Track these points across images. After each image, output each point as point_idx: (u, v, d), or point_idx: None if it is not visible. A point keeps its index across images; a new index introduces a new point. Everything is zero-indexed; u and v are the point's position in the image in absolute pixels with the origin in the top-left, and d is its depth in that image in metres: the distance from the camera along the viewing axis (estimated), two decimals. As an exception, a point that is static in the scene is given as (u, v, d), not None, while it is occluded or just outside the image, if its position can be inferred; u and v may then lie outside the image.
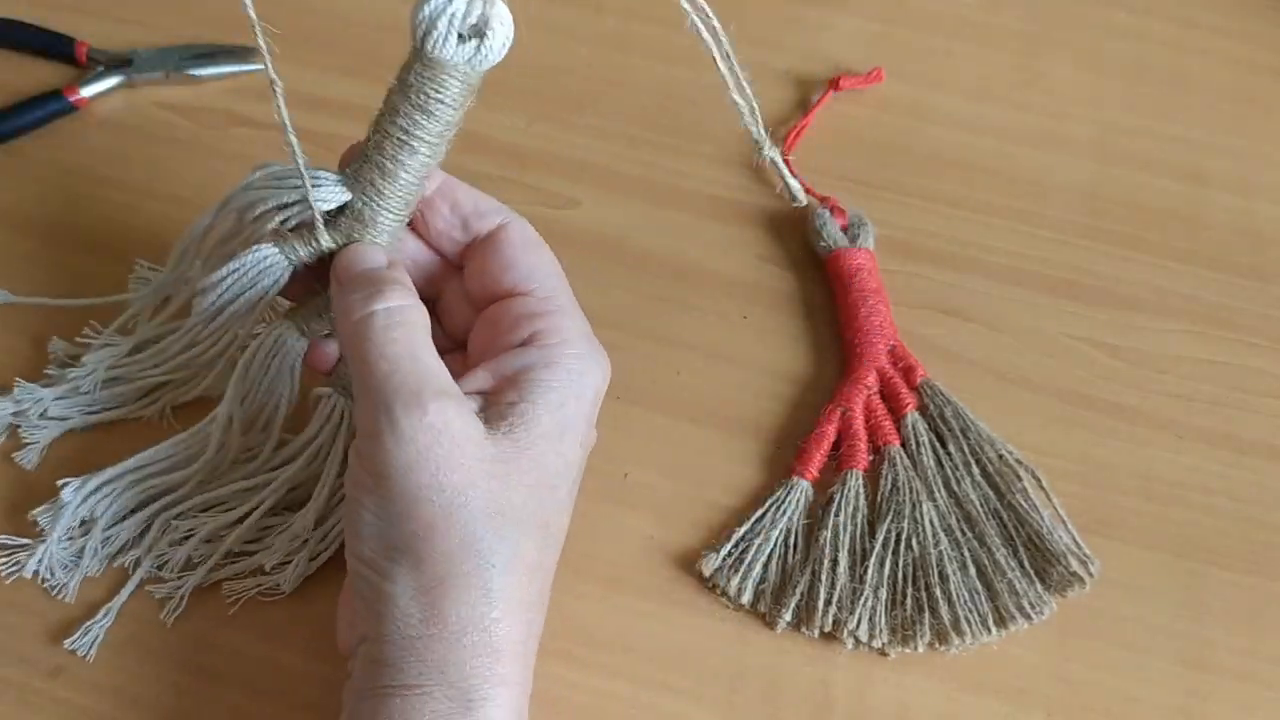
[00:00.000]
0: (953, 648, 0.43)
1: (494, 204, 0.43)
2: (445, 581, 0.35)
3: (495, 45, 0.39)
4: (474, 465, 0.36)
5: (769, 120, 0.59)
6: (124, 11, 0.61)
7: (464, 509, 0.35)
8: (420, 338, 0.38)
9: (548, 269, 0.41)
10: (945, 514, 0.46)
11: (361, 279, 0.39)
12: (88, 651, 0.42)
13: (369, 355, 0.37)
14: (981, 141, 0.58)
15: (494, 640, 0.36)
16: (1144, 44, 0.63)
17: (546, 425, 0.38)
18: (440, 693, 0.35)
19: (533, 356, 0.39)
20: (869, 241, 0.53)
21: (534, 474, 0.37)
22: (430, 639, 0.35)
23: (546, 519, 0.38)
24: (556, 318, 0.40)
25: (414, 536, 0.36)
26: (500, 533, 0.36)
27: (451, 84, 0.40)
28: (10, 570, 0.44)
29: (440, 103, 0.40)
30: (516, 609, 0.36)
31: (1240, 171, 0.58)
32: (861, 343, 0.50)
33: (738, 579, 0.44)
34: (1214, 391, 0.50)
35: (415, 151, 0.40)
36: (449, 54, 0.39)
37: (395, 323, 0.38)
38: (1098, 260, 0.54)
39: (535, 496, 0.37)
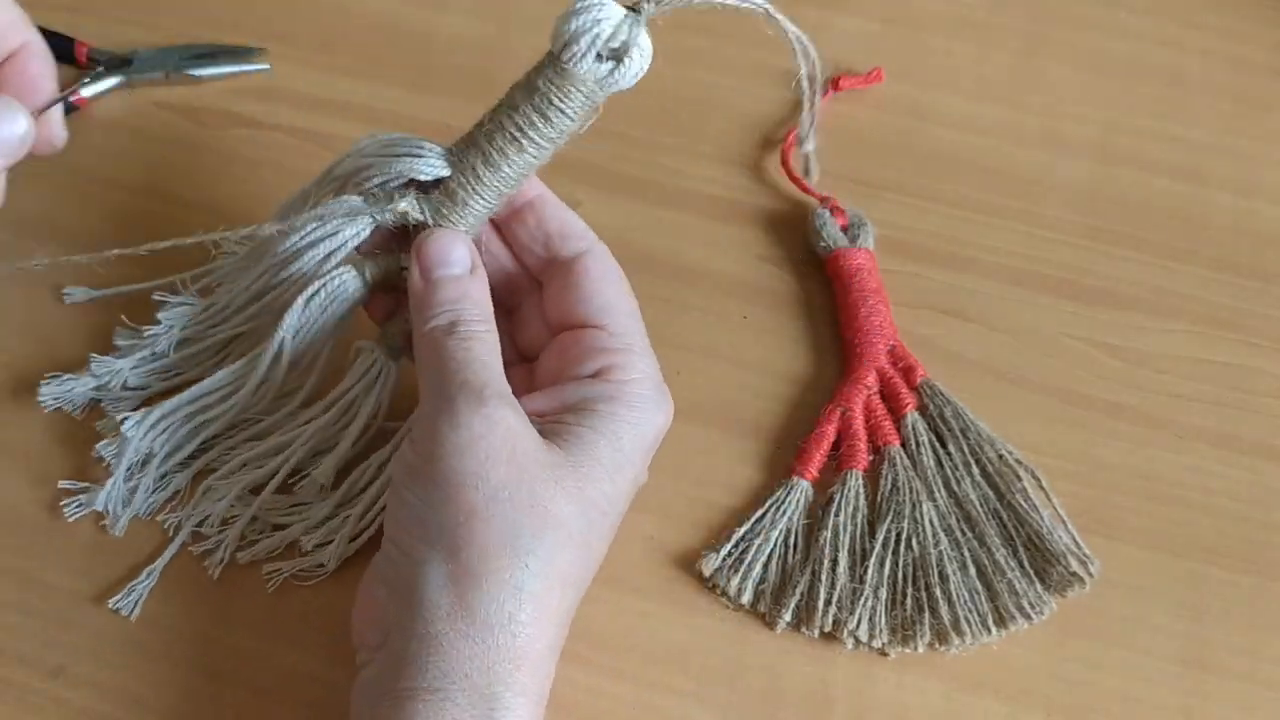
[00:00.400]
0: (953, 648, 0.43)
1: (580, 228, 0.43)
2: (477, 574, 0.35)
3: (630, 71, 0.40)
4: (524, 462, 0.36)
5: (769, 120, 0.59)
6: (124, 11, 0.61)
7: (507, 502, 0.36)
8: (491, 351, 0.39)
9: (624, 306, 0.42)
10: (945, 514, 0.46)
11: (444, 286, 0.40)
12: (131, 610, 0.43)
13: (439, 356, 0.38)
14: (981, 141, 0.58)
15: (518, 644, 0.35)
16: (1144, 44, 0.63)
17: (603, 452, 0.38)
18: (462, 698, 0.34)
19: (598, 389, 0.39)
20: (869, 241, 0.53)
21: (586, 491, 0.37)
22: (455, 635, 0.35)
23: (589, 540, 0.38)
24: (627, 356, 0.40)
25: (453, 523, 0.36)
26: (540, 535, 0.36)
27: (577, 97, 0.40)
28: (76, 511, 0.45)
29: (561, 112, 0.40)
30: (545, 616, 0.36)
31: (1240, 171, 0.58)
32: (861, 343, 0.50)
33: (738, 579, 0.44)
34: (1214, 391, 0.50)
35: (523, 150, 0.41)
36: (583, 70, 0.40)
37: (475, 335, 0.39)
38: (1098, 260, 0.54)
39: (583, 514, 0.37)
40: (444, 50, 0.61)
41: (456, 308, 0.39)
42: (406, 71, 0.60)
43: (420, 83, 0.59)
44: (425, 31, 0.62)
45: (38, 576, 0.44)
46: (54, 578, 0.44)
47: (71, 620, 0.43)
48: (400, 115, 0.58)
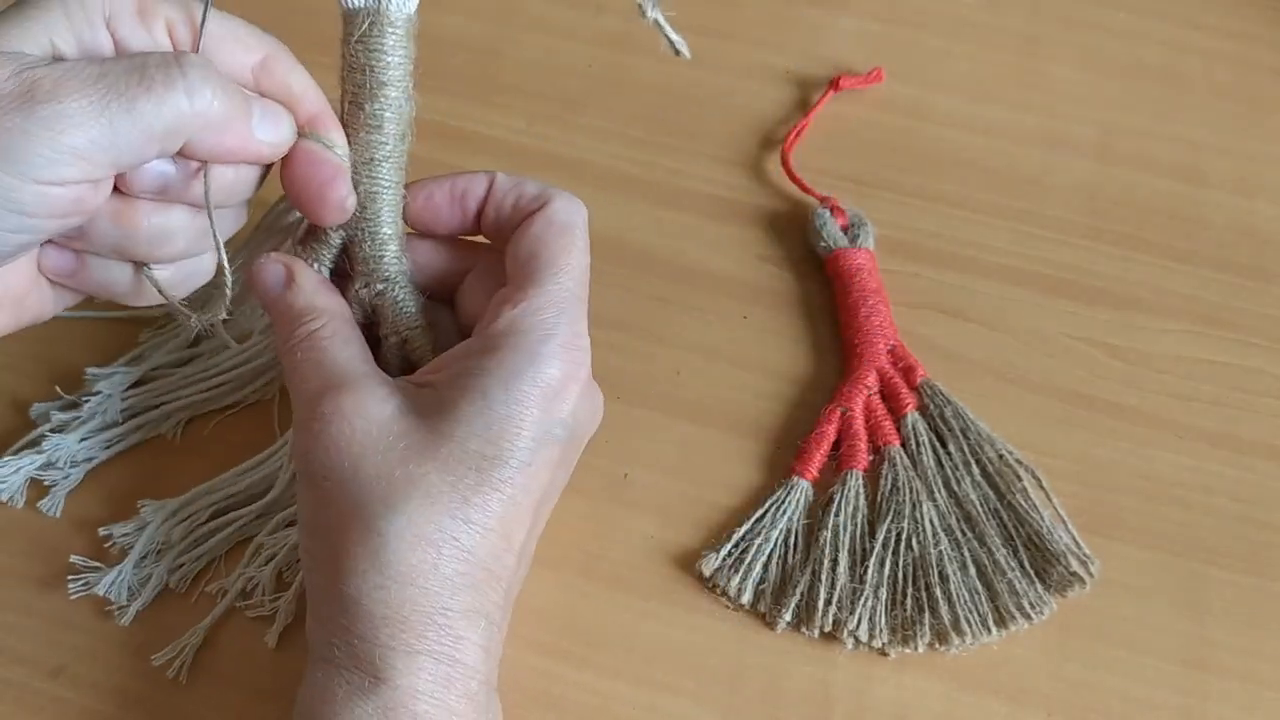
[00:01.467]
0: (953, 648, 0.43)
1: (535, 190, 0.42)
2: (337, 551, 0.36)
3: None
4: (367, 441, 0.37)
5: (769, 120, 0.59)
6: (124, 11, 0.61)
7: (353, 481, 0.37)
8: (327, 345, 0.40)
9: (549, 263, 0.40)
10: (945, 514, 0.46)
11: (273, 307, 0.41)
12: (177, 673, 0.42)
13: (289, 376, 0.40)
14: (981, 141, 0.58)
15: (393, 610, 0.36)
16: (1144, 44, 0.63)
17: (465, 411, 0.37)
18: (349, 662, 0.36)
19: (475, 347, 0.39)
20: (869, 241, 0.53)
21: (445, 452, 0.37)
22: (334, 611, 0.36)
23: (465, 497, 0.37)
24: (516, 305, 0.39)
25: (316, 513, 0.37)
26: (391, 502, 0.36)
27: (371, 41, 0.40)
28: (79, 590, 0.44)
29: (369, 50, 0.41)
30: (419, 578, 0.36)
31: (1240, 171, 0.58)
32: (861, 343, 0.50)
33: (738, 579, 0.44)
34: (1214, 391, 0.50)
35: (365, 109, 0.41)
36: (357, 3, 0.40)
37: (304, 344, 0.40)
38: (1098, 260, 0.54)
39: (449, 473, 0.37)
40: (444, 50, 0.61)
41: (284, 323, 0.41)
42: (406, 71, 0.60)
43: (420, 83, 0.59)
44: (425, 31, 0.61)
45: (38, 576, 0.44)
46: (54, 578, 0.44)
47: (71, 620, 0.43)
48: (400, 115, 0.58)
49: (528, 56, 0.61)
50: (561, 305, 0.40)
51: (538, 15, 0.63)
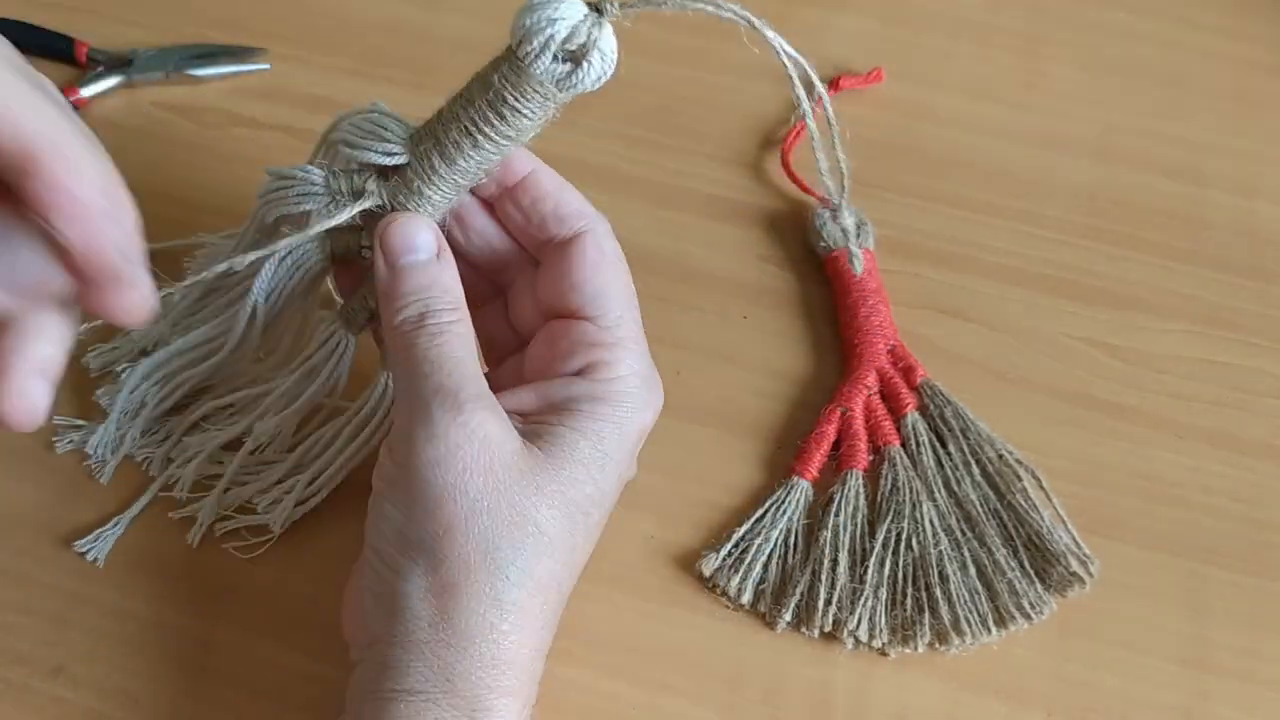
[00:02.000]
0: (953, 648, 0.43)
1: (576, 206, 0.41)
2: (458, 586, 0.35)
3: (590, 76, 0.38)
4: (502, 474, 0.36)
5: (769, 120, 0.59)
6: (124, 11, 0.61)
7: (485, 514, 0.35)
8: (464, 346, 0.38)
9: (617, 293, 0.40)
10: (945, 514, 0.46)
11: (411, 274, 0.39)
12: (96, 557, 0.44)
13: (412, 358, 0.37)
14: (981, 141, 0.58)
15: (501, 652, 0.36)
16: (1144, 44, 0.63)
17: (585, 453, 0.37)
18: (445, 700, 0.35)
19: (582, 388, 0.39)
20: (869, 241, 0.53)
21: (567, 494, 0.37)
22: (438, 644, 0.35)
23: (573, 543, 0.38)
24: (615, 351, 0.39)
25: (433, 536, 0.36)
26: (520, 545, 0.36)
27: (534, 98, 0.38)
28: (67, 446, 0.46)
29: (517, 111, 0.38)
30: (527, 623, 0.36)
31: (1240, 171, 0.58)
32: (861, 343, 0.50)
33: (738, 579, 0.44)
34: (1214, 391, 0.50)
35: (479, 146, 0.39)
36: (539, 70, 0.38)
37: (442, 332, 0.38)
38: (1098, 260, 0.54)
39: (565, 518, 0.37)
40: (444, 50, 0.61)
41: (425, 297, 0.38)
42: (406, 71, 0.60)
43: (420, 83, 0.59)
44: (425, 31, 0.62)
45: (38, 576, 0.44)
46: (54, 578, 0.44)
47: (71, 620, 0.43)
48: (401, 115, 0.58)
49: (528, 56, 0.61)
50: (643, 343, 0.41)
51: (538, 15, 0.62)
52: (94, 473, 0.46)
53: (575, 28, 0.37)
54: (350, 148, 0.41)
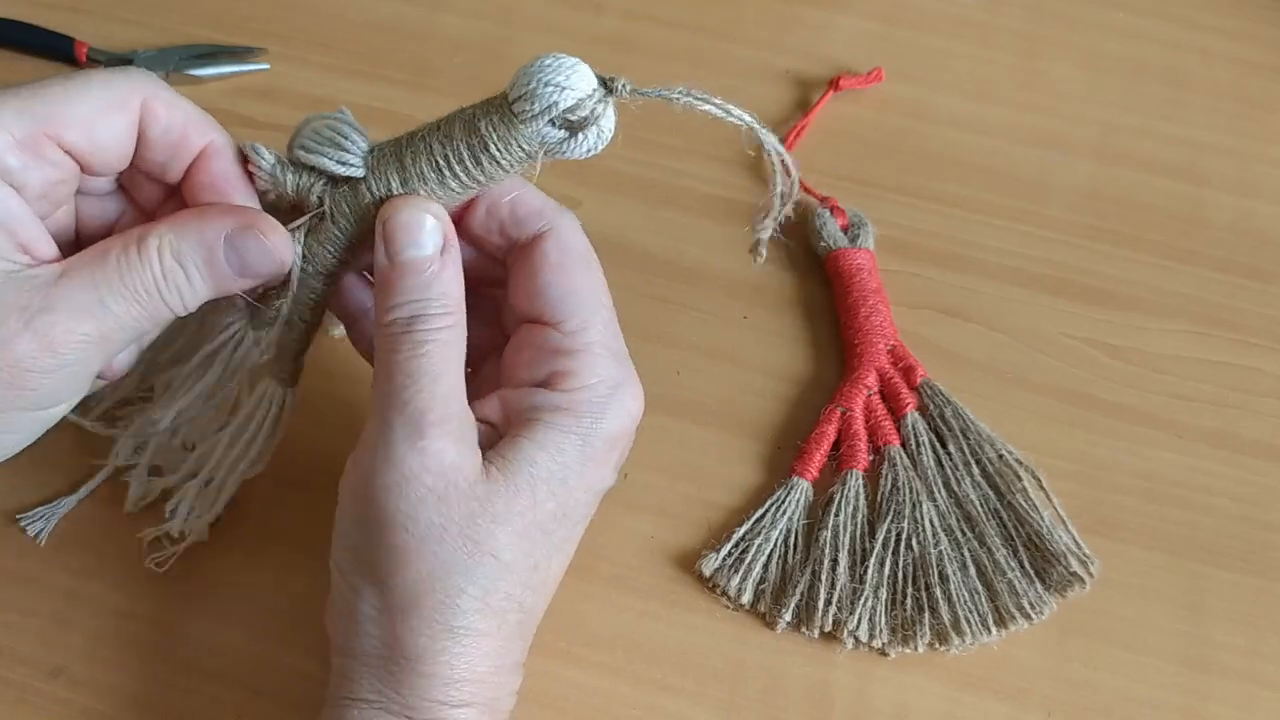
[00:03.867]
0: (953, 648, 0.43)
1: (535, 205, 0.40)
2: (407, 611, 0.35)
3: (581, 147, 0.37)
4: (457, 503, 0.35)
5: (769, 120, 0.59)
6: (124, 11, 0.61)
7: (438, 543, 0.35)
8: (448, 356, 0.36)
9: (582, 296, 0.39)
10: (945, 514, 0.46)
11: (410, 270, 0.37)
12: (38, 533, 0.44)
13: (391, 364, 0.36)
14: (981, 141, 0.58)
15: (454, 671, 0.36)
16: (1144, 44, 0.63)
17: (544, 468, 0.36)
18: (397, 709, 0.35)
19: (543, 399, 0.37)
20: (869, 241, 0.53)
21: (525, 516, 0.36)
22: (388, 661, 0.35)
23: (535, 561, 0.37)
24: (580, 359, 0.38)
25: (384, 559, 0.35)
26: (472, 573, 0.35)
27: (516, 152, 0.37)
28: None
29: (494, 161, 0.37)
30: (482, 644, 0.36)
31: (1240, 171, 0.58)
32: (861, 343, 0.50)
33: (738, 579, 0.44)
34: (1214, 391, 0.50)
35: (444, 183, 0.38)
36: (531, 130, 0.37)
37: (427, 341, 0.36)
38: (1098, 260, 0.54)
39: (525, 538, 0.36)
40: (444, 50, 0.61)
41: (420, 299, 0.36)
42: (406, 71, 0.60)
43: (420, 83, 0.59)
44: (425, 31, 0.62)
45: (37, 576, 0.44)
46: (54, 578, 0.44)
47: (71, 620, 0.43)
48: (400, 115, 0.58)
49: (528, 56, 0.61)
50: (615, 348, 0.39)
51: (538, 15, 0.63)
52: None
53: (582, 101, 0.36)
54: (306, 151, 0.39)
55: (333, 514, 0.45)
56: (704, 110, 0.38)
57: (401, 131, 0.39)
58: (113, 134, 0.37)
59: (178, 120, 0.38)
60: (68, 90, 0.36)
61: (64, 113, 0.36)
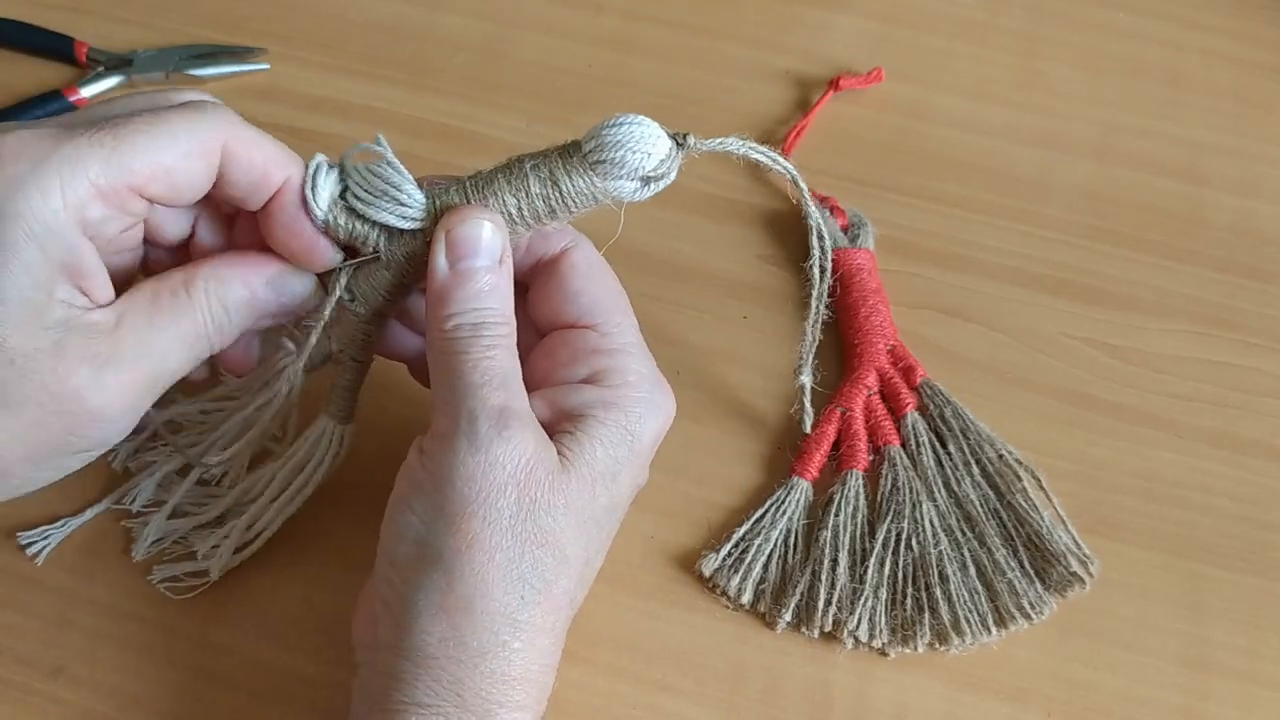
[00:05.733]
0: (953, 648, 0.43)
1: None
2: (472, 604, 0.35)
3: (647, 193, 0.39)
4: (535, 492, 0.36)
5: (769, 120, 0.59)
6: (124, 11, 0.61)
7: (509, 533, 0.35)
8: (514, 360, 0.38)
9: (613, 301, 0.40)
10: (945, 514, 0.46)
11: (472, 279, 0.38)
12: (36, 554, 0.44)
13: (463, 365, 0.37)
14: (981, 141, 0.58)
15: (513, 669, 0.35)
16: (1144, 44, 0.63)
17: (601, 463, 0.37)
18: (455, 714, 0.35)
19: (592, 395, 0.38)
20: (869, 241, 0.53)
21: (585, 510, 0.37)
22: (448, 660, 0.35)
23: (589, 556, 0.38)
24: (620, 357, 0.39)
25: (453, 550, 0.35)
26: (539, 564, 0.36)
27: (588, 202, 0.39)
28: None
29: (569, 211, 0.39)
30: (539, 639, 0.36)
31: (1240, 171, 0.58)
32: (861, 343, 0.50)
33: (738, 579, 0.44)
34: (1214, 391, 0.50)
35: (514, 228, 0.39)
36: (614, 186, 0.38)
37: (496, 345, 0.37)
38: (1098, 260, 0.54)
39: (582, 533, 0.37)
40: (444, 50, 0.61)
41: (484, 307, 0.37)
42: (406, 71, 0.60)
43: (420, 83, 0.59)
44: (425, 31, 0.62)
45: (37, 576, 0.44)
46: (54, 578, 0.44)
47: (71, 620, 0.43)
48: (400, 115, 0.58)
49: (528, 56, 0.61)
50: (645, 349, 0.40)
51: (538, 15, 0.63)
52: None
53: (661, 162, 0.38)
54: (363, 204, 0.39)
55: (332, 518, 0.45)
56: (756, 159, 0.40)
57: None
58: (192, 179, 0.37)
59: (258, 161, 0.38)
60: (153, 136, 0.36)
61: (148, 163, 0.36)
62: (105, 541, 0.45)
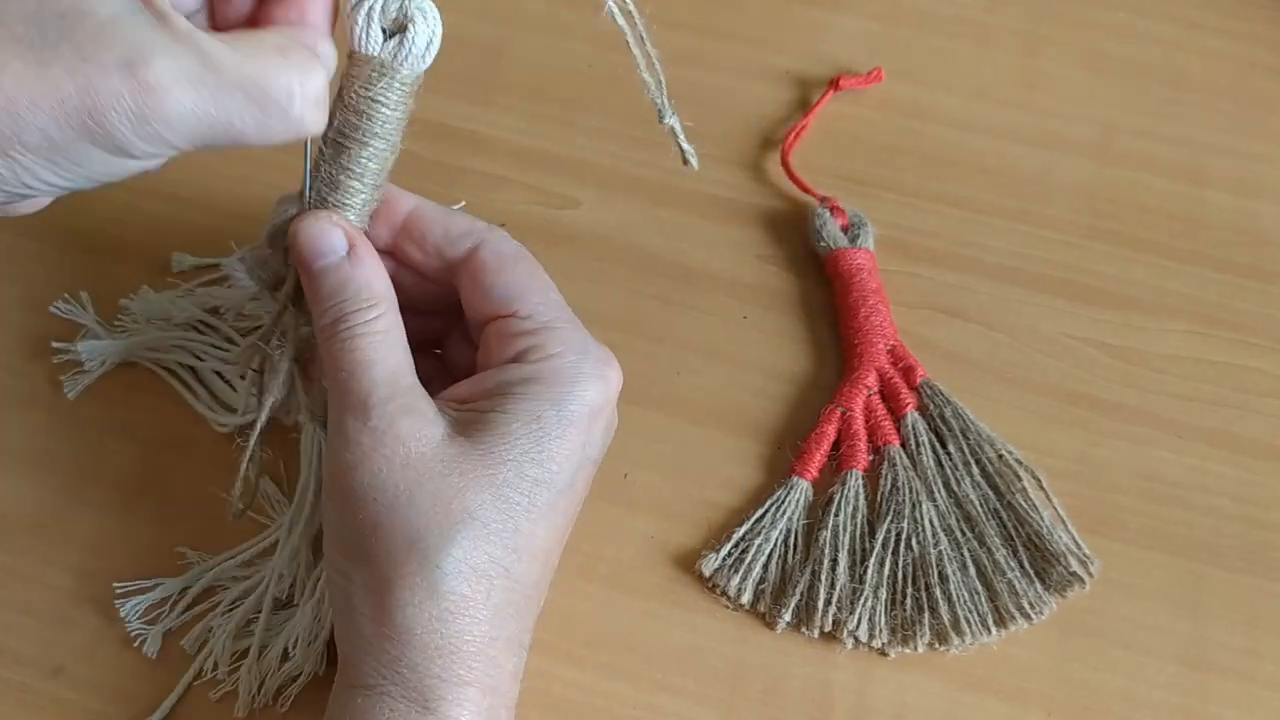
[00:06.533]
0: (953, 648, 0.43)
1: (463, 225, 0.42)
2: (391, 581, 0.36)
3: (418, 43, 0.39)
4: (420, 466, 0.36)
5: (769, 120, 0.59)
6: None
7: (408, 508, 0.36)
8: (379, 344, 0.38)
9: (527, 284, 0.41)
10: (945, 514, 0.46)
11: (323, 277, 0.39)
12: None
13: (330, 364, 0.38)
14: (981, 141, 0.58)
15: (447, 641, 0.36)
16: (1144, 44, 0.63)
17: (518, 433, 0.37)
18: (397, 691, 0.35)
19: (513, 373, 0.39)
20: (869, 241, 0.53)
21: (500, 476, 0.37)
22: (381, 638, 0.36)
23: (517, 525, 0.37)
24: (542, 335, 0.39)
25: (362, 536, 0.36)
26: (448, 532, 0.36)
27: (379, 82, 0.39)
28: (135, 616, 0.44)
29: (373, 102, 0.39)
30: (471, 610, 0.36)
31: (1240, 171, 0.58)
32: (861, 343, 0.50)
33: (738, 579, 0.44)
34: (1214, 391, 0.50)
35: (357, 156, 0.39)
36: (372, 50, 0.39)
37: (355, 335, 0.38)
38: (1098, 260, 0.54)
39: (501, 499, 0.37)
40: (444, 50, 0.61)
41: (338, 300, 0.38)
42: (406, 71, 0.60)
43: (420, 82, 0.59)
44: (425, 31, 0.62)
45: (37, 576, 0.44)
46: (54, 578, 0.44)
47: (71, 620, 0.43)
48: (400, 115, 0.58)
49: (528, 56, 0.61)
50: (576, 323, 0.40)
51: (538, 15, 0.62)
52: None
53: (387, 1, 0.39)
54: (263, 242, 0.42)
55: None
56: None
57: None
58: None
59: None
60: None
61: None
62: (106, 541, 0.45)
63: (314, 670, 0.42)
